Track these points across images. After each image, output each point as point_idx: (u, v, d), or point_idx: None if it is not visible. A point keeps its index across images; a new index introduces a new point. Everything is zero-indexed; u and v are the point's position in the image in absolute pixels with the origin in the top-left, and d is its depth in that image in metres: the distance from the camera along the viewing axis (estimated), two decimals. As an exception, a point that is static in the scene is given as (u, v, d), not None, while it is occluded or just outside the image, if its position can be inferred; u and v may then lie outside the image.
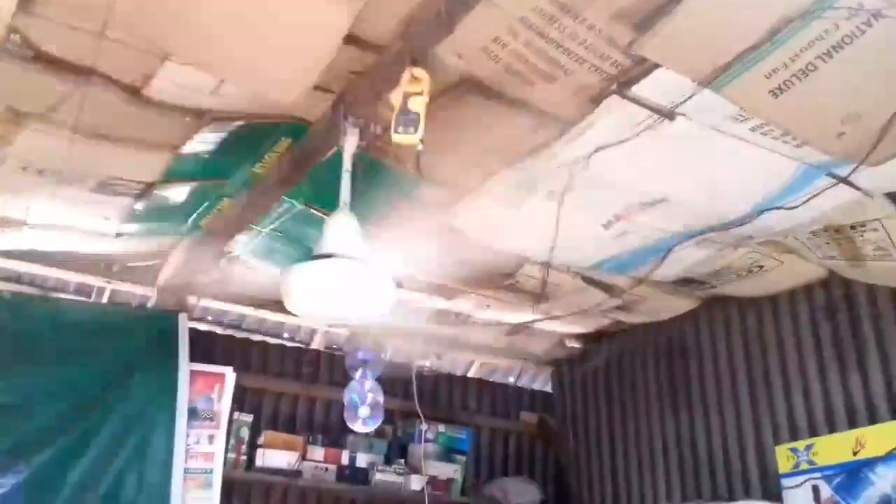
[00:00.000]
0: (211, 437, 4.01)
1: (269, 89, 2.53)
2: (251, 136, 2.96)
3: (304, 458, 4.31)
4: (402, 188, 3.14)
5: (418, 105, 2.27)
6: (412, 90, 2.28)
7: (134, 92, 2.56)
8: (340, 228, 2.50)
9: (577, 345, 5.15)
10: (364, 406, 4.25)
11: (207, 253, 3.88)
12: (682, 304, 4.36)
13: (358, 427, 4.29)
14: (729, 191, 2.95)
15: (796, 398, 3.87)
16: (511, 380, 5.60)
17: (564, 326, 4.83)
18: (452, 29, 2.25)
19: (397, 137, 2.27)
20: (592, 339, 5.04)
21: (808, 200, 2.91)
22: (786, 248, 3.52)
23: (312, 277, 2.44)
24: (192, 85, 2.53)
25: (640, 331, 4.76)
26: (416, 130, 2.26)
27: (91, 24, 2.26)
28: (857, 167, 2.65)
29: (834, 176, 2.83)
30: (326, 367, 4.77)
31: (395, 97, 2.30)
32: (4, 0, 2.10)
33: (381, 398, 4.33)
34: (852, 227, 3.19)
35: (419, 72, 2.31)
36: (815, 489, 3.47)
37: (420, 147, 2.31)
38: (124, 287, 4.24)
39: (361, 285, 2.45)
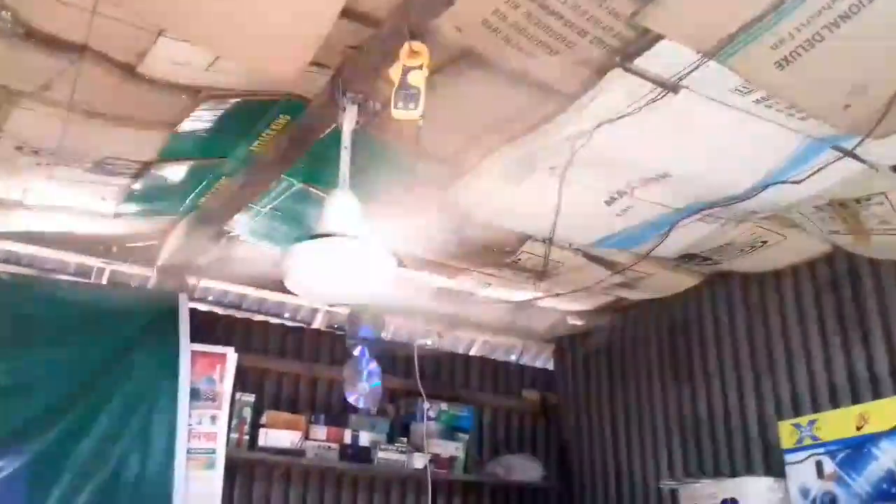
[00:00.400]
0: (213, 418, 3.99)
1: (265, 65, 2.48)
2: (248, 114, 2.92)
3: (306, 437, 4.30)
4: (401, 165, 3.09)
5: (418, 79, 2.23)
6: (411, 64, 2.24)
7: (128, 69, 2.51)
8: (340, 207, 2.47)
9: (578, 322, 5.13)
10: (363, 383, 4.24)
11: (206, 233, 3.84)
12: (684, 281, 4.34)
13: (358, 402, 4.29)
14: (733, 165, 2.92)
15: (799, 373, 3.86)
16: (513, 358, 5.59)
17: (566, 304, 4.81)
18: (452, 1, 2.20)
19: (397, 113, 2.23)
20: (594, 317, 5.02)
21: (812, 174, 2.88)
22: (789, 222, 3.50)
23: (312, 256, 2.41)
24: (187, 62, 2.48)
25: (643, 307, 4.74)
26: (416, 106, 2.22)
27: (83, -1, 2.21)
28: (862, 140, 2.62)
29: (839, 149, 2.80)
30: (328, 346, 4.75)
31: (395, 72, 2.26)
32: (-6, -25, 2.06)
33: (379, 380, 4.31)
34: (857, 201, 3.17)
35: (418, 45, 2.26)
36: (819, 464, 3.47)
37: (421, 123, 2.27)
38: (124, 268, 4.21)
39: (361, 264, 2.42)
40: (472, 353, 5.44)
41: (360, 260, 2.41)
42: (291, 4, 2.22)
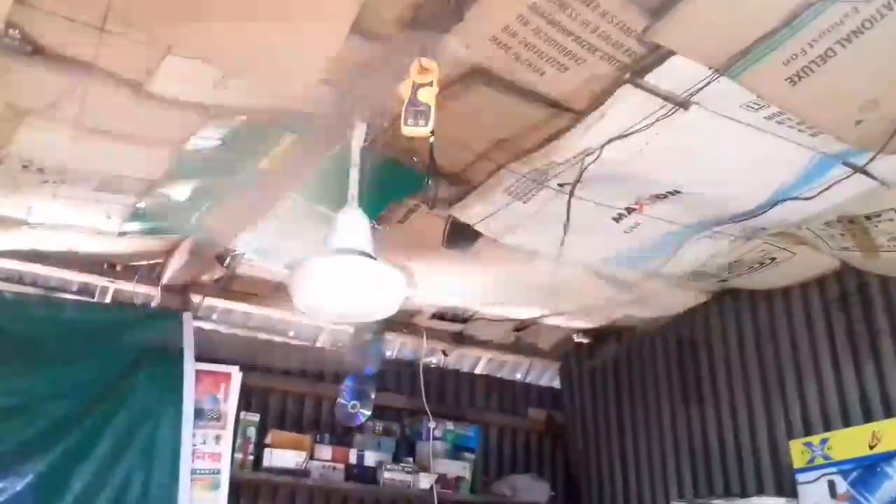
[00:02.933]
0: (217, 437, 3.95)
1: (274, 82, 2.48)
2: (256, 132, 2.90)
3: (311, 457, 4.26)
4: (410, 182, 3.08)
5: (428, 96, 2.22)
6: (421, 81, 2.23)
7: (136, 87, 2.50)
8: (349, 224, 2.45)
9: (585, 340, 5.10)
10: (352, 401, 4.24)
11: (212, 251, 3.83)
12: (693, 298, 4.32)
13: (352, 422, 4.28)
14: (743, 181, 2.90)
15: (810, 392, 3.82)
16: (518, 376, 5.55)
17: (573, 321, 4.78)
18: (462, 18, 2.19)
19: (408, 130, 2.22)
20: (601, 334, 5.00)
21: (823, 191, 2.86)
22: (798, 239, 3.48)
23: (322, 273, 2.39)
24: (196, 80, 2.47)
25: (650, 325, 4.71)
26: (426, 122, 2.20)
27: (91, 16, 2.20)
28: (875, 156, 2.60)
29: (850, 165, 2.78)
30: (332, 364, 4.71)
31: (405, 88, 2.24)
32: (3, -7, 2.05)
33: (370, 391, 4.31)
34: (867, 218, 3.15)
35: (428, 62, 2.25)
36: (831, 484, 3.42)
37: (432, 139, 2.25)
38: (128, 286, 4.18)
39: (371, 281, 2.40)
40: (477, 371, 5.40)
41: (370, 277, 2.39)
42: (301, 23, 2.21)
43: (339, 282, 2.38)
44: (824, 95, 2.34)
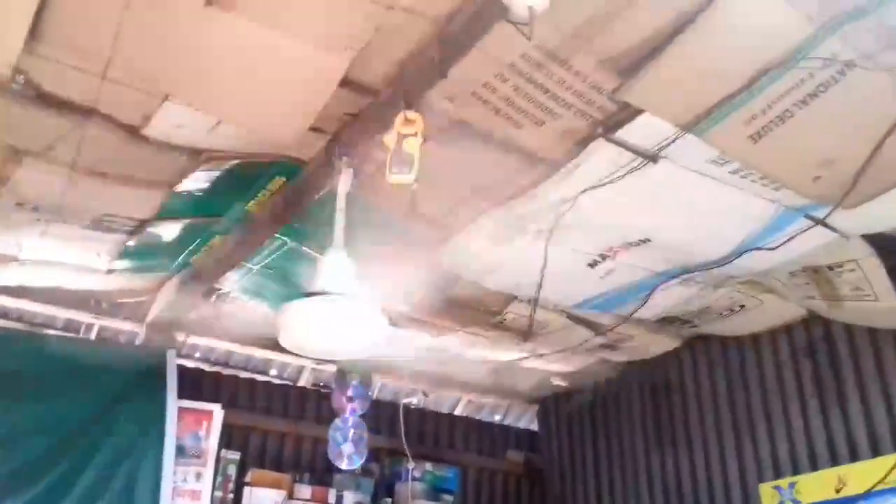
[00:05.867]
0: (198, 475, 3.99)
1: (265, 130, 2.60)
2: (245, 175, 3.02)
3: (290, 496, 4.28)
4: (393, 226, 3.20)
5: (412, 146, 2.34)
6: (406, 132, 2.35)
7: (132, 131, 2.62)
8: (334, 266, 2.56)
9: (563, 383, 5.18)
10: (348, 443, 4.26)
11: (197, 290, 3.90)
12: (666, 343, 4.43)
13: (342, 464, 4.30)
14: (711, 232, 3.04)
15: (779, 435, 3.92)
16: (497, 418, 5.61)
17: (550, 364, 4.87)
18: (445, 74, 2.33)
19: (392, 177, 2.34)
20: (578, 378, 5.08)
21: (786, 241, 3.00)
22: (766, 288, 3.61)
23: (307, 313, 2.48)
24: (190, 125, 2.59)
25: (625, 369, 4.81)
26: (410, 171, 2.32)
27: (94, 65, 2.32)
28: (833, 210, 2.75)
29: (811, 218, 2.93)
30: (313, 404, 4.76)
31: (390, 139, 2.37)
32: (12, 42, 2.16)
33: (365, 435, 4.34)
34: (830, 268, 3.29)
35: (413, 114, 2.38)
36: (799, 527, 3.52)
37: (414, 186, 2.37)
38: (113, 324, 4.25)
39: (354, 321, 2.49)
40: (457, 412, 5.46)
41: (353, 318, 2.49)
42: (293, 74, 2.34)
43: (324, 322, 2.47)
44: (784, 153, 2.50)
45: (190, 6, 2.10)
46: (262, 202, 3.18)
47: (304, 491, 4.34)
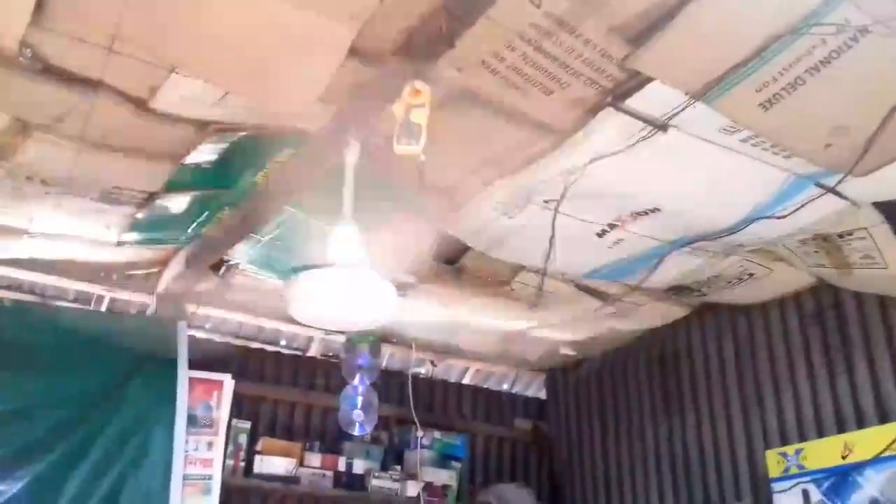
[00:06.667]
0: (210, 444, 4.04)
1: (273, 102, 2.59)
2: (253, 147, 3.01)
3: (301, 464, 4.35)
4: (402, 197, 3.20)
5: (420, 117, 2.33)
6: (414, 102, 2.34)
7: (140, 104, 2.61)
8: (343, 238, 2.56)
9: (570, 352, 5.21)
10: (358, 411, 4.31)
11: (207, 261, 3.92)
12: (674, 312, 4.44)
13: (353, 431, 4.35)
14: (721, 200, 3.03)
15: (786, 403, 3.95)
16: (505, 386, 5.65)
17: (559, 333, 4.89)
18: (453, 44, 2.31)
19: (400, 149, 2.33)
20: (586, 346, 5.10)
21: (797, 210, 2.99)
22: (775, 256, 3.61)
23: (317, 285, 2.49)
24: (197, 97, 2.57)
25: (633, 338, 4.82)
26: (418, 142, 2.32)
27: (100, 37, 2.31)
28: (844, 177, 2.73)
29: (822, 186, 2.91)
30: (323, 374, 4.80)
31: (398, 109, 2.36)
32: (18, 15, 2.15)
33: (375, 402, 4.39)
34: (840, 236, 3.28)
35: (421, 84, 2.37)
36: (805, 493, 3.55)
37: (422, 158, 2.36)
38: (124, 295, 4.27)
39: (364, 293, 2.51)
40: (465, 381, 5.50)
41: (362, 289, 2.50)
42: (300, 45, 2.33)
43: (334, 293, 2.49)
44: (795, 121, 2.48)
45: (195, -24, 2.08)
46: (271, 174, 3.17)
47: (315, 459, 4.41)
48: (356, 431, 4.38)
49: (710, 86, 2.35)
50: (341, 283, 2.46)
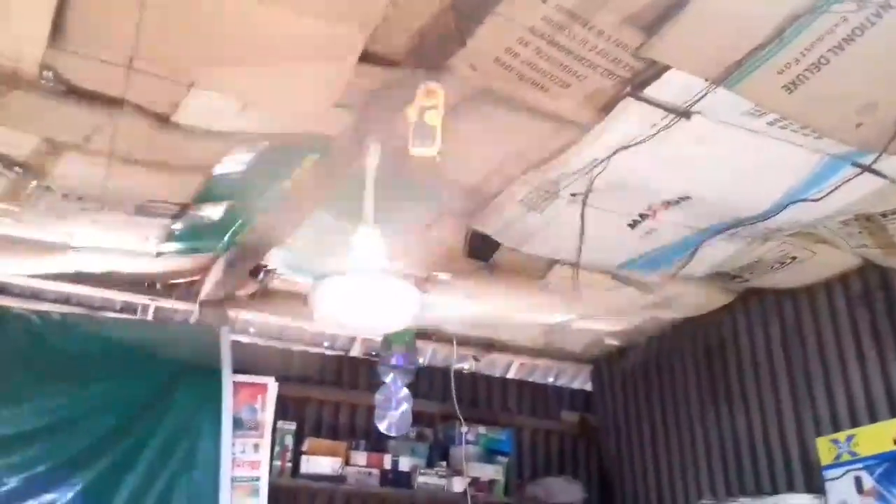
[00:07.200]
0: (256, 446, 4.11)
1: (290, 111, 2.61)
2: (279, 154, 3.04)
3: (347, 463, 4.40)
4: (427, 197, 3.20)
5: (434, 118, 2.33)
6: (427, 104, 2.34)
7: (163, 119, 2.65)
8: (364, 243, 2.57)
9: (615, 342, 5.15)
10: (392, 413, 4.35)
11: (245, 268, 3.98)
12: (718, 299, 4.35)
13: (387, 431, 4.39)
14: (752, 185, 2.95)
15: (836, 388, 3.84)
16: (551, 380, 5.61)
17: (602, 324, 4.84)
18: (464, 42, 2.30)
19: (415, 151, 2.33)
20: (631, 336, 5.04)
21: (832, 191, 2.89)
22: (818, 238, 3.50)
23: (338, 291, 2.51)
24: (218, 109, 2.61)
25: (679, 326, 4.75)
26: (433, 143, 2.31)
27: (119, 56, 2.36)
28: (879, 156, 2.64)
29: (858, 165, 2.82)
30: (366, 373, 4.84)
31: (412, 111, 2.36)
32: (35, 39, 2.21)
33: (408, 404, 4.43)
34: (883, 215, 3.17)
35: (434, 85, 2.37)
36: (858, 480, 3.45)
37: (438, 159, 2.36)
38: (167, 304, 4.37)
39: (384, 298, 2.52)
40: (509, 375, 5.48)
41: (382, 294, 2.51)
42: (312, 53, 2.34)
43: (356, 298, 2.50)
44: (822, 101, 2.40)
45: (204, -7, 2.11)
46: (298, 180, 3.20)
47: (360, 458, 4.45)
48: (391, 432, 4.41)
49: (729, 70, 2.29)
50: (361, 288, 2.48)
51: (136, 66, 2.41)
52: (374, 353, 5.03)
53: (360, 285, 2.49)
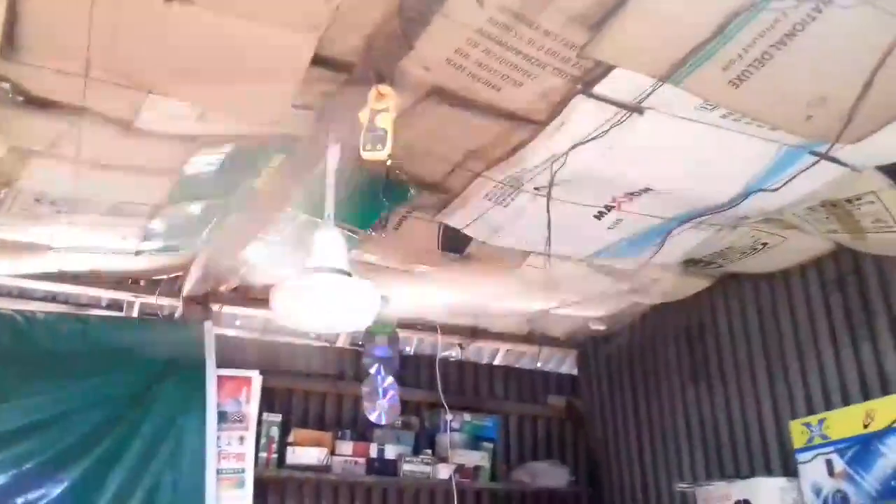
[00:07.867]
0: (241, 438, 4.18)
1: (246, 115, 2.65)
2: (247, 154, 3.08)
3: (333, 453, 4.46)
4: (396, 194, 3.23)
5: (385, 121, 2.35)
6: (378, 107, 2.36)
7: (126, 125, 2.69)
8: (324, 242, 2.61)
9: (600, 327, 5.19)
10: (379, 402, 4.40)
11: (225, 263, 4.04)
12: (696, 284, 4.38)
13: (374, 419, 4.45)
14: (712, 177, 2.97)
15: (811, 372, 3.87)
16: (538, 365, 5.66)
17: (584, 311, 4.88)
18: (412, 45, 2.33)
19: (366, 154, 2.36)
20: (615, 321, 5.08)
21: (790, 180, 2.91)
22: (787, 224, 3.52)
23: (297, 291, 2.56)
24: (178, 114, 2.64)
25: (660, 310, 4.78)
26: (383, 146, 2.34)
27: (75, 66, 2.39)
28: (831, 146, 2.65)
29: (817, 154, 2.83)
30: (352, 363, 4.90)
31: (363, 115, 2.39)
32: (-12, 53, 2.25)
33: (394, 394, 4.49)
34: (849, 201, 3.18)
35: (385, 88, 2.39)
36: (829, 463, 3.49)
37: (389, 162, 2.39)
38: (151, 300, 4.43)
39: (345, 297, 2.56)
40: (496, 362, 5.53)
41: (343, 293, 2.55)
42: (261, 59, 2.37)
43: (317, 298, 2.54)
44: (769, 95, 2.41)
45: (150, 2, 2.13)
46: (268, 179, 3.24)
47: (346, 447, 4.52)
48: (380, 421, 4.47)
49: (673, 68, 2.31)
50: (320, 288, 2.52)
51: (93, 76, 2.44)
52: (360, 343, 5.08)
53: (320, 285, 2.52)
